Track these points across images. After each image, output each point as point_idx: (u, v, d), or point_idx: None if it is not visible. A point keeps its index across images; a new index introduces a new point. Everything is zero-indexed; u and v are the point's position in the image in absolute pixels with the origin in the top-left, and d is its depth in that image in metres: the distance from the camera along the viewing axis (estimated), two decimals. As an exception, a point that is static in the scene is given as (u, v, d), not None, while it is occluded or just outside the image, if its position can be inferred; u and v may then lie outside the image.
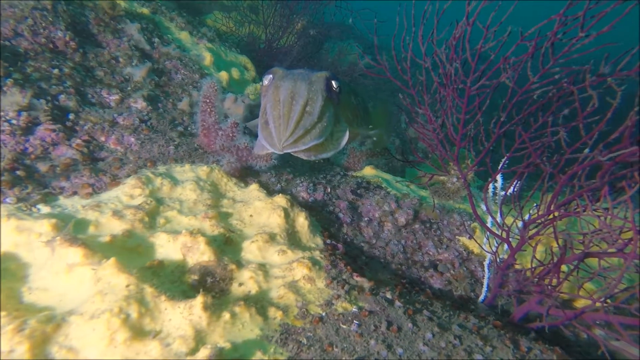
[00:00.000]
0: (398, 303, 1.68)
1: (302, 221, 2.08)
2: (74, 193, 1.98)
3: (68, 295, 1.46)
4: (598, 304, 1.61)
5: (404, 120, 4.21)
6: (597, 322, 1.69)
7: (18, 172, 1.94)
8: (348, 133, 1.92)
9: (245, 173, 2.45)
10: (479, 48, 1.80)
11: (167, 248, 1.74)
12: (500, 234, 1.94)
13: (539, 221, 1.79)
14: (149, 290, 1.43)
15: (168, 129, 2.61)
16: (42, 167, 2.04)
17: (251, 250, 1.84)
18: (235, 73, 3.84)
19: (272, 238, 1.91)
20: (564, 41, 1.62)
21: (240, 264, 1.73)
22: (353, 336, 1.47)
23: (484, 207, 2.06)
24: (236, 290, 1.63)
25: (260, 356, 1.34)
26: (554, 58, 1.64)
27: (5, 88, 2.16)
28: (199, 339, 1.35)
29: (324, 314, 1.57)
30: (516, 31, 1.68)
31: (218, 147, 2.42)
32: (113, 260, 1.48)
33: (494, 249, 2.02)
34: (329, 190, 2.56)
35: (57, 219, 1.68)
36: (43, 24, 2.61)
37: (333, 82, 1.83)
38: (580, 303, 2.06)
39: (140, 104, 2.68)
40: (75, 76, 2.56)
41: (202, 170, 2.29)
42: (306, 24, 5.49)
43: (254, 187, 2.28)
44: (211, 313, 1.41)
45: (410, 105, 2.22)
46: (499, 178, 2.11)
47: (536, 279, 1.81)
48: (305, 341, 1.43)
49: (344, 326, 1.51)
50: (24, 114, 2.14)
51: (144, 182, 2.04)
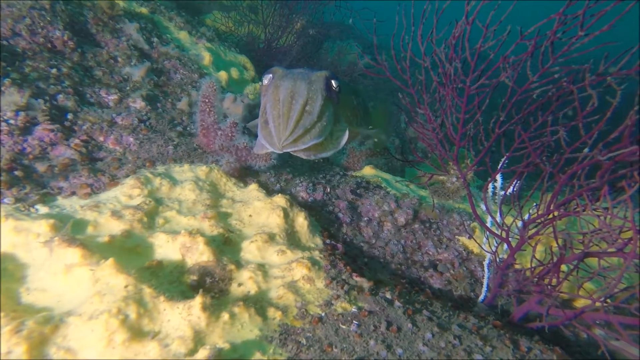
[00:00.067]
0: (397, 303, 1.68)
1: (302, 221, 2.08)
2: (73, 193, 1.97)
3: (66, 296, 1.46)
4: (598, 304, 1.60)
5: (404, 119, 4.20)
6: (597, 322, 1.68)
7: (16, 172, 1.93)
8: (348, 132, 1.92)
9: (244, 173, 2.44)
10: (479, 47, 1.80)
11: (166, 248, 1.73)
12: (499, 234, 1.94)
13: (539, 221, 1.79)
14: (148, 290, 1.42)
15: (167, 129, 2.60)
16: (41, 167, 2.03)
17: (250, 250, 1.84)
18: (234, 73, 3.84)
19: (272, 238, 1.90)
20: (564, 40, 1.62)
21: (239, 264, 1.73)
22: (352, 336, 1.46)
23: (484, 207, 2.05)
24: (235, 290, 1.62)
25: (259, 357, 1.34)
26: (554, 57, 1.63)
27: (3, 88, 2.15)
28: (198, 340, 1.34)
29: (324, 314, 1.56)
30: (516, 30, 1.68)
31: (217, 147, 2.42)
32: (111, 260, 1.48)
33: (494, 249, 2.01)
34: (329, 190, 2.55)
35: (56, 220, 1.68)
36: (41, 24, 2.61)
37: (333, 82, 1.82)
38: (580, 303, 2.06)
39: (139, 104, 2.67)
40: (73, 76, 2.55)
41: (201, 170, 2.28)
42: (305, 24, 5.48)
43: (253, 187, 2.27)
44: (210, 313, 1.40)
45: (409, 104, 2.22)
46: (499, 178, 2.10)
47: (536, 279, 1.81)
48: (304, 341, 1.43)
49: (344, 326, 1.51)
50: (22, 114, 2.13)
51: (143, 182, 2.03)
